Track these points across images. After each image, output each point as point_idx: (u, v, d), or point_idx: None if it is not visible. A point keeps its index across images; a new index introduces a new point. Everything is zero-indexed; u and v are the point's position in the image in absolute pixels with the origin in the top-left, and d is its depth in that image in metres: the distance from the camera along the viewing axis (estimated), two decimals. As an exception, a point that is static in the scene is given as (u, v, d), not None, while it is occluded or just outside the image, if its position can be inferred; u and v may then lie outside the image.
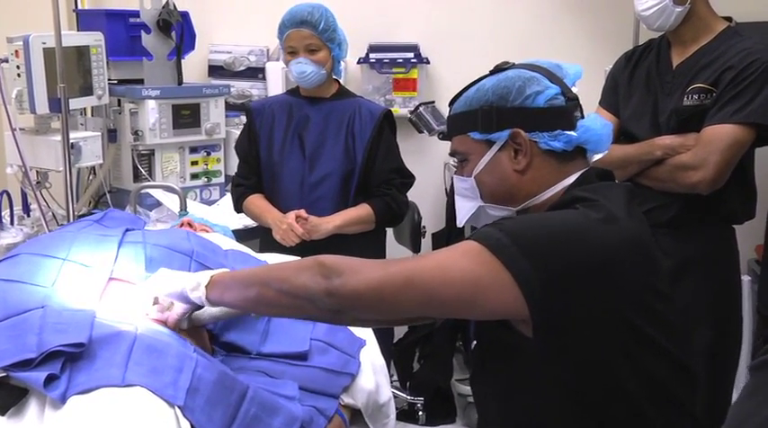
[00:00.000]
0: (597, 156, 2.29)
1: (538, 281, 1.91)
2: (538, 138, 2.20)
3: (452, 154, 2.40)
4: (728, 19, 3.65)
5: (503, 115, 2.21)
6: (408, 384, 5.08)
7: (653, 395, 2.08)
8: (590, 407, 2.06)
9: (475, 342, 2.33)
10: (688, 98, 3.53)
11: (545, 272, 1.92)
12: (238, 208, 4.16)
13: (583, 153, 2.24)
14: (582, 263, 1.95)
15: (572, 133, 2.17)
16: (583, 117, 2.22)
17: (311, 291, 2.05)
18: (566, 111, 2.18)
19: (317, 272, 2.05)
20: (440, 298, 2.00)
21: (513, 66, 2.28)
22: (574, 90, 2.21)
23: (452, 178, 5.03)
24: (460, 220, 2.44)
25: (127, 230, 2.79)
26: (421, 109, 4.83)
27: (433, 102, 5.16)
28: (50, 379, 2.01)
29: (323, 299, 2.04)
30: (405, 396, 4.96)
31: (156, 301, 2.34)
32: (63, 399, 1.98)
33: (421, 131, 4.96)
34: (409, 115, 4.87)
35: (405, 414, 4.84)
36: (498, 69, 2.29)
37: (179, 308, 2.30)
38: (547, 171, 2.22)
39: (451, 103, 2.37)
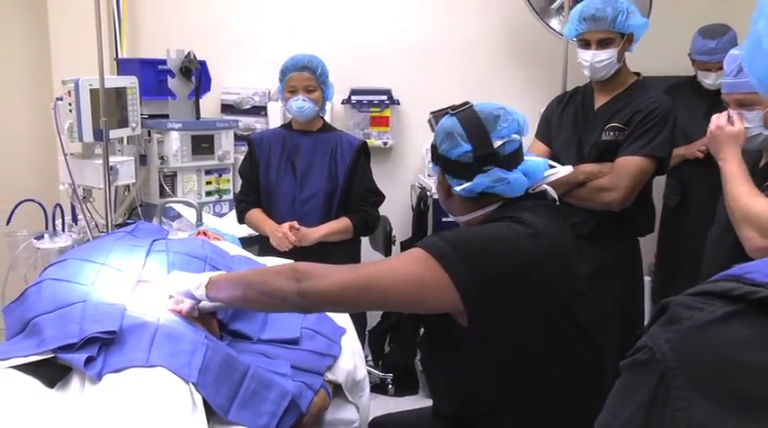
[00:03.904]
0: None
1: (472, 283, 1.94)
2: (449, 180, 2.27)
3: None
4: (637, 74, 3.70)
5: (435, 154, 2.31)
6: (380, 363, 5.07)
7: (569, 377, 2.11)
8: (511, 382, 2.10)
9: (423, 330, 2.37)
10: (606, 134, 3.57)
11: (478, 275, 1.95)
12: (241, 220, 4.15)
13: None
14: (508, 268, 1.99)
15: (468, 184, 2.19)
16: (504, 163, 2.19)
17: (285, 293, 2.08)
18: (469, 167, 2.20)
19: (290, 276, 2.09)
20: (392, 298, 2.04)
21: (464, 109, 2.26)
22: (499, 142, 2.18)
23: (418, 196, 5.07)
24: None
25: (154, 241, 2.80)
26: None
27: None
28: (89, 360, 2.04)
29: (294, 299, 2.08)
30: (377, 372, 4.95)
31: (171, 297, 2.37)
32: (99, 376, 2.01)
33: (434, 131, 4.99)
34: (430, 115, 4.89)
35: (377, 387, 4.82)
36: (455, 109, 2.29)
37: (188, 302, 2.33)
38: (462, 203, 2.29)
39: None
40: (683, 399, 0.82)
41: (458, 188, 2.22)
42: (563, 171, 2.36)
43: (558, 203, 2.36)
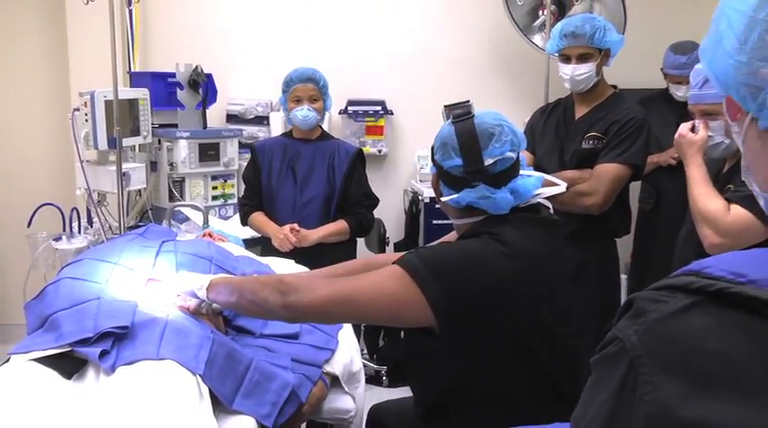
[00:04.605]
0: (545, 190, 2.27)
1: (444, 299, 1.95)
2: (441, 186, 2.25)
3: None
4: (614, 86, 3.74)
5: (433, 158, 2.26)
6: (375, 356, 5.07)
7: (531, 381, 2.11)
8: (478, 384, 2.11)
9: (403, 334, 2.37)
10: (585, 143, 3.60)
11: (449, 292, 1.95)
12: (244, 222, 4.15)
13: None
14: (479, 285, 1.98)
15: (456, 195, 2.17)
16: (495, 180, 2.13)
17: (270, 304, 2.09)
18: (458, 180, 2.16)
19: (275, 289, 2.09)
20: (372, 312, 2.04)
21: (464, 118, 2.19)
22: (490, 160, 2.12)
23: (410, 200, 5.08)
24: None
25: (163, 242, 2.80)
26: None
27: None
28: (103, 353, 2.04)
29: (280, 311, 2.09)
30: (372, 365, 4.95)
31: (178, 295, 2.38)
32: (113, 369, 2.01)
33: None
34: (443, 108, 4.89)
35: (372, 379, 4.82)
36: (457, 116, 2.20)
37: (194, 301, 2.33)
38: (453, 209, 2.26)
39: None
40: (650, 384, 0.84)
41: (444, 198, 2.21)
42: (555, 190, 2.32)
43: (552, 213, 2.32)
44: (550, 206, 2.32)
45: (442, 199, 2.23)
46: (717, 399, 0.80)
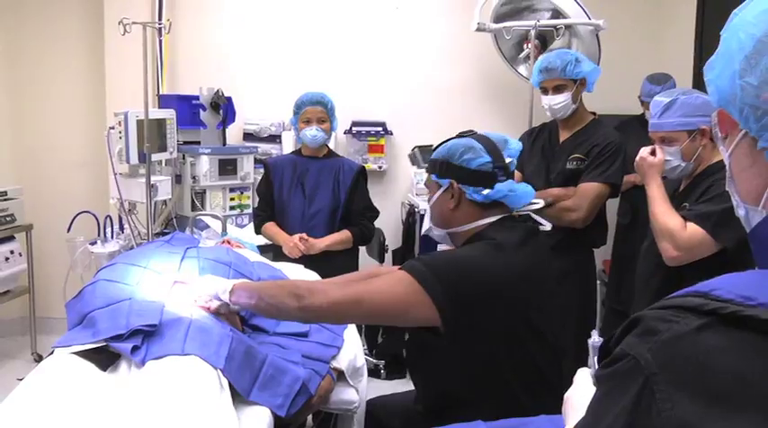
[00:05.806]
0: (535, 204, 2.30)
1: (447, 300, 1.95)
2: (466, 189, 2.22)
3: (425, 185, 2.42)
4: (593, 113, 3.77)
5: (448, 168, 2.24)
6: (374, 351, 5.07)
7: (525, 377, 2.11)
8: (476, 382, 2.11)
9: (408, 335, 2.38)
10: (570, 163, 3.63)
11: (452, 294, 1.96)
12: (258, 231, 4.14)
13: (504, 203, 2.24)
14: (479, 287, 1.99)
15: (489, 191, 2.17)
16: (511, 178, 2.22)
17: (287, 306, 2.10)
18: (489, 176, 2.18)
19: (291, 293, 2.10)
20: (379, 313, 2.04)
21: (472, 134, 2.26)
22: (508, 160, 2.21)
23: (407, 212, 5.08)
24: (423, 229, 2.48)
25: (187, 248, 2.81)
26: (416, 150, 4.91)
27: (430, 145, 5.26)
28: (135, 349, 2.05)
29: (296, 313, 2.10)
30: (371, 359, 4.94)
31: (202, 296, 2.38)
32: (143, 362, 2.02)
33: (414, 165, 5.05)
34: (410, 152, 4.88)
35: (371, 372, 4.73)
36: (460, 134, 2.27)
37: (216, 303, 2.33)
38: (469, 212, 2.24)
39: (434, 150, 2.36)
40: (668, 401, 0.81)
41: (483, 192, 2.19)
42: (534, 207, 2.34)
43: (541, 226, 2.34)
44: (542, 221, 2.34)
45: (478, 195, 2.20)
46: (733, 418, 0.78)
